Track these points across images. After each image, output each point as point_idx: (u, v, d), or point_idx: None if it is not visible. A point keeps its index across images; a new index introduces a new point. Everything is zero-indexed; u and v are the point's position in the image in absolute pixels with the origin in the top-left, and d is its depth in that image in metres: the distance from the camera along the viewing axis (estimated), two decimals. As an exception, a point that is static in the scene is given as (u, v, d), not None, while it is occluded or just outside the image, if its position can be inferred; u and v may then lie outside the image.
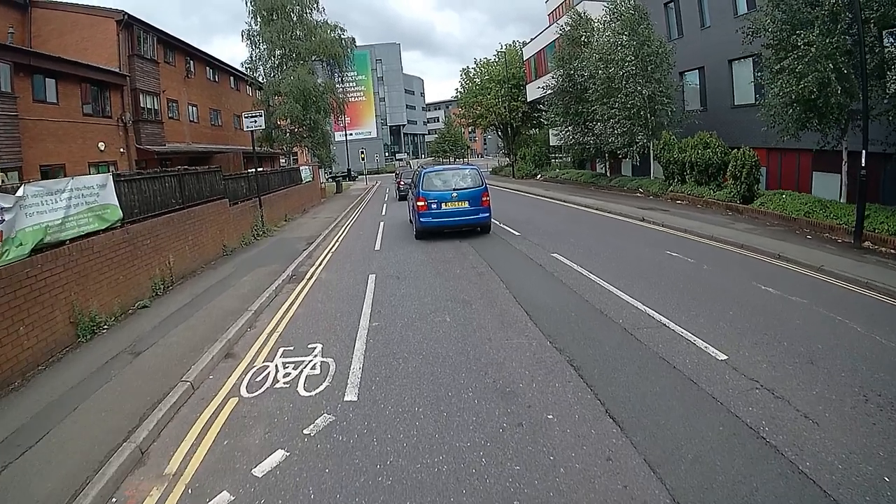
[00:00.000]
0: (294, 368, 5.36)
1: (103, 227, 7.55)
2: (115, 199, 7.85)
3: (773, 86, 12.89)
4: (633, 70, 19.40)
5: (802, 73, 11.70)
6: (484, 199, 12.59)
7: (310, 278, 9.55)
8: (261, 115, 14.27)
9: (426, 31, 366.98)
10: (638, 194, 20.57)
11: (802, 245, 10.16)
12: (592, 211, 17.01)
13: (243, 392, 4.98)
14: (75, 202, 7.05)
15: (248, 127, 14.26)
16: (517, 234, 12.87)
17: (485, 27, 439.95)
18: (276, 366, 5.49)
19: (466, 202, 12.39)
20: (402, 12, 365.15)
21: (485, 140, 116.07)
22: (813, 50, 11.48)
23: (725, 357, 5.16)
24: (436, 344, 5.79)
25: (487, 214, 12.79)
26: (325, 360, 5.54)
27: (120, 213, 7.91)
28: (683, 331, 5.80)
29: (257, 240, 14.28)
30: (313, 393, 4.78)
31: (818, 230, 11.69)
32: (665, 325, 6.00)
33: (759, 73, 14.57)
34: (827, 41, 11.39)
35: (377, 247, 12.54)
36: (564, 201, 20.13)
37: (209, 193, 11.59)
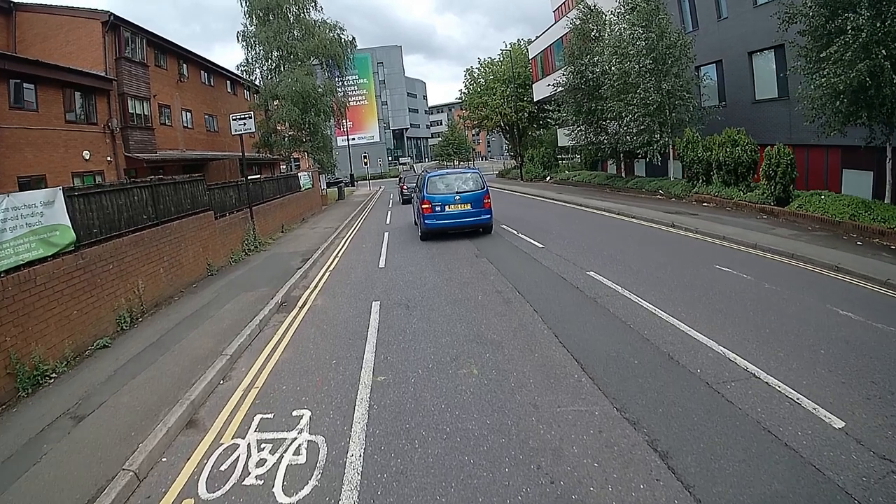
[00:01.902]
0: (271, 452, 3.97)
1: (51, 254, 6.26)
2: (67, 218, 6.56)
3: (814, 76, 11.65)
4: (650, 64, 18.16)
5: (851, 61, 10.48)
6: (485, 201, 13.09)
7: (302, 306, 8.14)
8: (250, 118, 12.82)
9: (427, 34, 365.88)
10: (658, 196, 19.27)
11: (856, 253, 9.07)
12: (615, 216, 15.65)
13: (202, 490, 3.62)
14: (12, 224, 5.77)
15: (236, 130, 12.82)
16: (540, 245, 11.45)
17: (486, 29, 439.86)
18: (249, 445, 4.10)
19: (469, 204, 12.90)
20: (402, 16, 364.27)
21: (488, 142, 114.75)
22: (863, 35, 10.26)
23: (842, 424, 3.89)
24: (463, 413, 4.31)
25: (489, 216, 13.29)
26: (313, 438, 4.11)
27: (72, 236, 6.62)
28: (779, 384, 4.46)
29: (249, 255, 12.96)
30: (294, 500, 3.40)
31: (866, 235, 10.54)
32: (755, 375, 4.63)
33: (794, 64, 13.22)
34: (878, 25, 10.18)
35: (381, 263, 11.08)
36: (581, 205, 18.78)
37: (190, 206, 10.27)
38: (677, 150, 18.16)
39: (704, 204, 16.34)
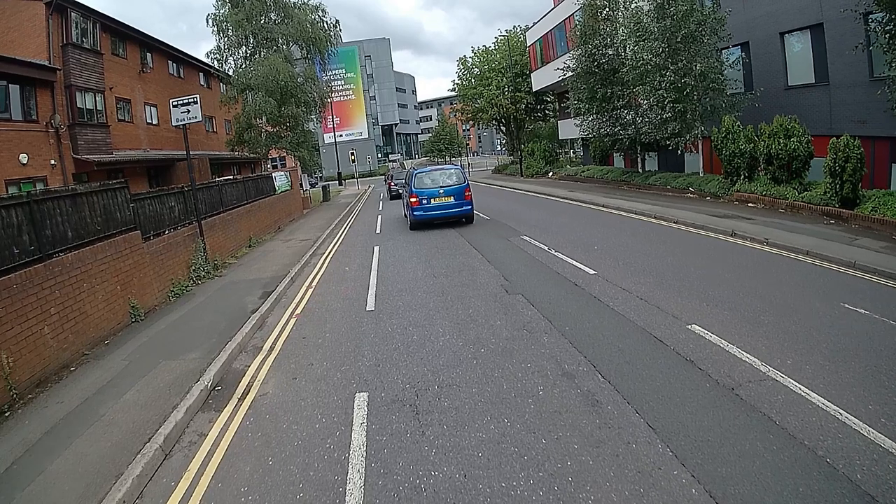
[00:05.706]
0: None
1: None
2: None
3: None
4: (678, 44, 15.73)
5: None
6: (466, 194, 14.51)
7: (243, 397, 5.07)
8: (195, 103, 9.72)
9: (414, 30, 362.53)
10: (689, 195, 16.77)
11: None
12: (653, 221, 13.04)
13: None
14: None
15: (177, 120, 9.74)
16: (591, 271, 8.44)
17: (474, 24, 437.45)
18: None
19: (452, 197, 14.34)
20: (389, 12, 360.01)
21: (479, 137, 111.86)
22: None
23: None
24: None
25: (470, 206, 14.68)
26: None
27: None
28: None
29: (199, 283, 10.06)
30: None
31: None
32: None
33: (876, 33, 10.82)
34: None
35: (370, 303, 7.89)
36: (606, 207, 16.13)
37: (102, 225, 7.36)
38: (713, 141, 15.65)
39: (749, 204, 13.92)
